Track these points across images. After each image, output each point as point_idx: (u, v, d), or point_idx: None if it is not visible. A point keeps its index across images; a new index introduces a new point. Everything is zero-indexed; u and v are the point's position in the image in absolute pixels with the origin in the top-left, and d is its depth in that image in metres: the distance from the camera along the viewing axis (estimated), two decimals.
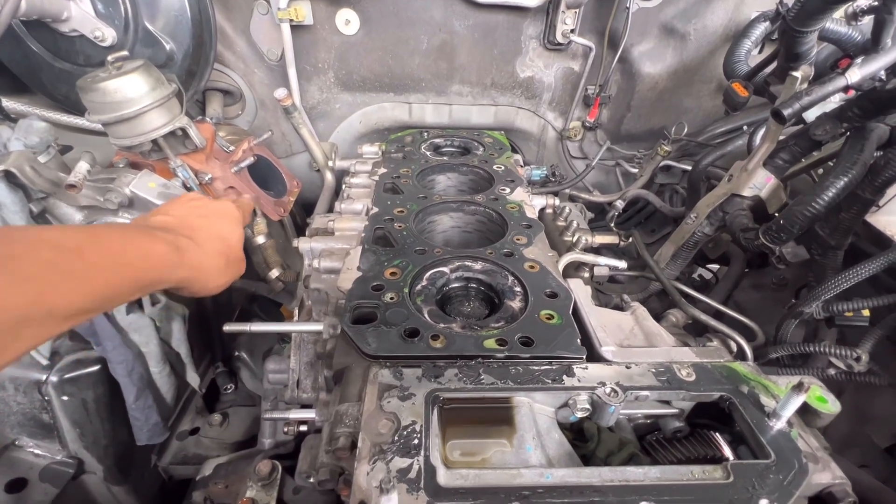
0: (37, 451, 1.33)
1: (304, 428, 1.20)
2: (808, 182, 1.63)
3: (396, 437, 0.82)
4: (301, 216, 2.47)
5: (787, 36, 1.34)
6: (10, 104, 1.67)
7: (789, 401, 0.85)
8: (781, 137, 1.41)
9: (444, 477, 0.77)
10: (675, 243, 1.69)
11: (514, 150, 2.68)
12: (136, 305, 1.34)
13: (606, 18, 2.19)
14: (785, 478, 0.79)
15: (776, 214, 1.36)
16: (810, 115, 1.44)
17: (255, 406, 1.87)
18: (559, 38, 2.21)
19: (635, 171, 2.45)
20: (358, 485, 0.75)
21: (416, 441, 0.82)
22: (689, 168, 2.05)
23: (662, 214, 2.45)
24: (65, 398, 1.31)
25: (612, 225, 2.17)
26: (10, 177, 1.13)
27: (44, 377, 1.28)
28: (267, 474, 1.06)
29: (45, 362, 1.28)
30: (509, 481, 0.77)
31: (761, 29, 1.87)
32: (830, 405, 0.92)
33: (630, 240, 1.81)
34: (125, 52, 1.33)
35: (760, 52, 2.11)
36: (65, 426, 1.33)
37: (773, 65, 1.63)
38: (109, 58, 1.28)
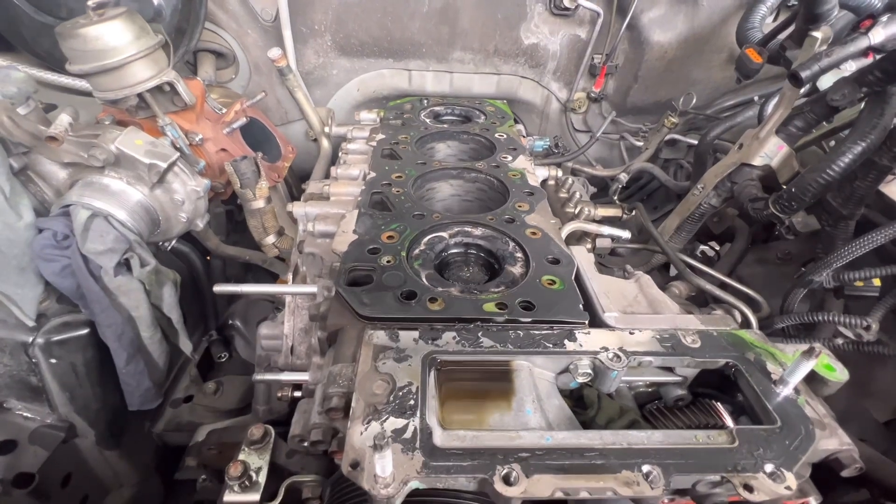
0: (26, 414, 1.30)
1: (298, 394, 1.18)
2: (817, 155, 1.58)
3: (392, 398, 0.79)
4: (296, 186, 2.41)
5: None
6: None
7: (798, 367, 0.82)
8: (797, 103, 1.35)
9: (440, 438, 0.74)
10: (680, 215, 1.65)
11: (516, 122, 2.61)
12: (125, 268, 1.30)
13: None
14: (791, 443, 0.76)
15: (785, 186, 1.32)
16: (825, 82, 1.38)
17: (250, 375, 1.85)
18: (566, 3, 2.12)
19: (640, 144, 2.39)
20: (351, 444, 0.72)
21: (412, 402, 0.79)
22: (696, 143, 1.99)
23: (666, 191, 2.41)
24: (53, 361, 1.28)
25: (616, 199, 2.12)
26: None
27: (30, 339, 1.25)
28: (259, 438, 1.04)
29: (31, 324, 1.24)
30: (508, 443, 0.74)
31: None
32: (838, 373, 0.90)
33: (633, 212, 1.76)
34: None
35: (775, 19, 2.03)
36: (54, 389, 1.30)
37: (790, 29, 1.57)
38: (90, 3, 1.20)
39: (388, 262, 1.10)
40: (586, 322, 0.99)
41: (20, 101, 1.14)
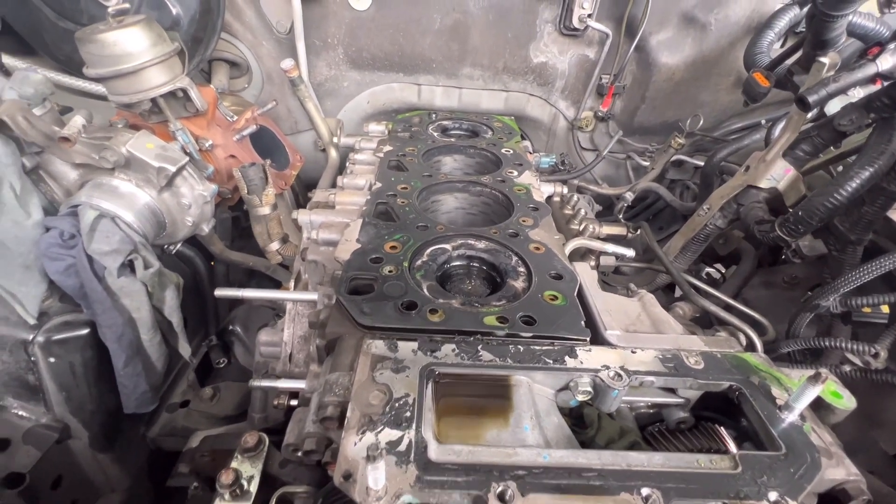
0: (21, 413, 1.30)
1: (294, 402, 1.17)
2: (825, 179, 1.57)
3: (388, 409, 0.78)
4: (303, 194, 2.43)
5: (817, 20, 1.28)
6: (10, 61, 1.63)
7: (804, 392, 0.80)
8: (804, 127, 1.35)
9: (435, 452, 0.73)
10: (685, 236, 1.64)
11: (523, 138, 2.63)
12: (129, 269, 1.30)
13: (625, 5, 2.13)
14: (796, 471, 0.74)
15: (792, 209, 1.31)
16: (833, 107, 1.38)
17: (248, 382, 1.84)
18: (575, 23, 2.16)
19: (646, 164, 2.40)
20: (344, 454, 0.71)
21: (408, 414, 0.77)
22: (702, 164, 2.00)
23: (671, 211, 2.40)
24: (52, 360, 1.28)
25: (621, 217, 2.12)
26: (2, 127, 1.09)
27: (30, 337, 1.25)
28: (253, 446, 1.02)
29: (32, 322, 1.25)
30: (504, 459, 0.73)
31: (787, 19, 1.81)
32: (846, 401, 0.88)
33: (638, 231, 1.76)
34: (126, 5, 1.29)
35: (783, 45, 2.05)
36: (51, 389, 1.30)
37: (798, 55, 1.58)
38: (110, 10, 1.23)
39: (389, 271, 1.10)
40: (588, 339, 0.98)
41: (36, 102, 1.16)
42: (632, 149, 2.51)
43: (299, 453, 0.98)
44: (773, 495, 0.70)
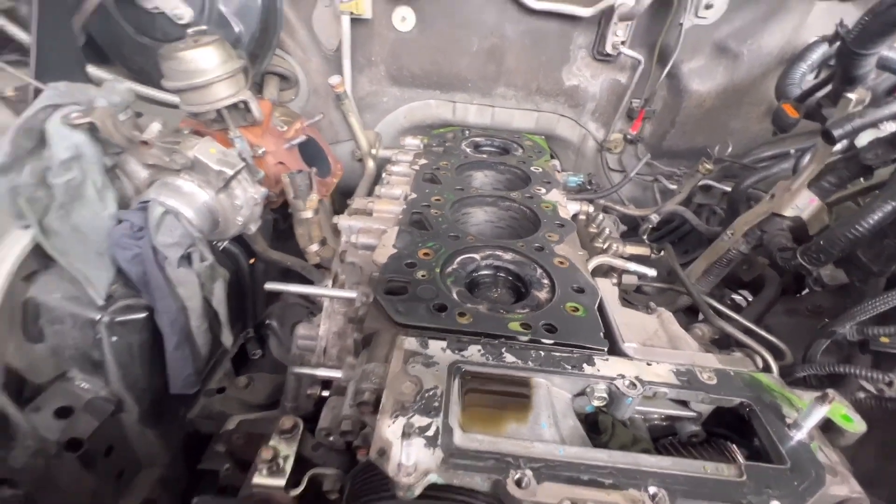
0: (84, 385, 1.44)
1: (325, 393, 1.26)
2: (852, 210, 1.59)
3: (418, 398, 0.86)
4: (339, 202, 2.56)
5: (845, 57, 1.32)
6: (92, 70, 1.82)
7: (812, 411, 0.84)
8: (830, 160, 1.39)
9: (460, 438, 0.80)
10: (708, 259, 1.68)
11: (552, 157, 2.71)
12: (186, 261, 1.44)
13: (658, 33, 2.20)
14: (800, 484, 0.78)
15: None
16: (861, 140, 1.41)
17: (279, 374, 1.95)
18: (609, 50, 2.24)
19: (673, 187, 2.43)
20: (380, 434, 0.80)
21: (436, 404, 0.86)
22: (729, 190, 2.03)
23: (697, 235, 2.41)
24: (114, 339, 1.41)
25: (645, 238, 2.16)
26: (92, 129, 1.25)
27: (98, 317, 1.39)
28: (289, 428, 1.12)
29: (100, 303, 1.39)
30: (523, 450, 0.80)
31: (819, 53, 1.84)
32: (856, 424, 0.91)
33: (661, 253, 1.80)
34: (204, 27, 1.45)
35: (816, 77, 2.07)
36: (111, 365, 1.43)
37: (828, 88, 1.61)
38: (189, 31, 1.39)
39: (422, 276, 1.19)
40: (605, 349, 1.04)
41: (120, 109, 1.32)
42: (659, 172, 2.55)
43: (332, 437, 1.08)
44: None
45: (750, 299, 2.01)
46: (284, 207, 1.92)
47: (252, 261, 2.09)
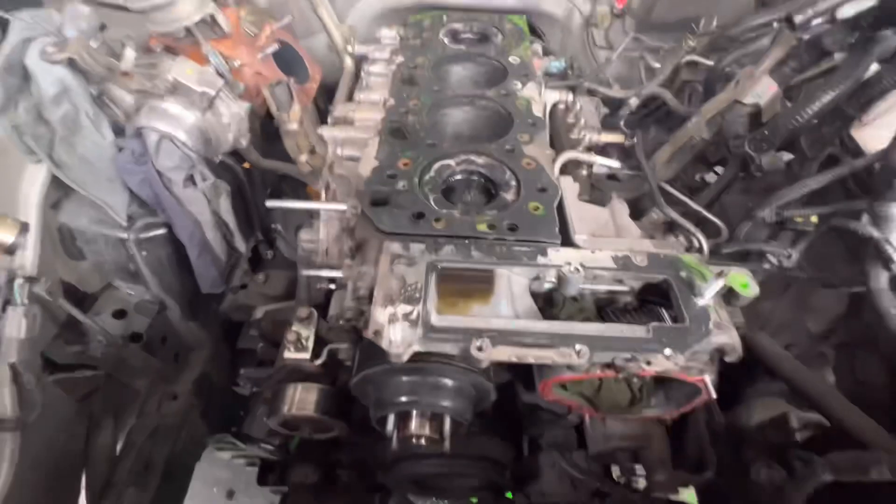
0: (130, 291, 1.71)
1: (332, 286, 1.52)
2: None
3: (403, 291, 1.09)
4: (322, 100, 2.55)
5: None
6: None
7: (712, 283, 1.07)
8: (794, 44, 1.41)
9: (436, 319, 1.05)
10: (674, 146, 1.78)
11: (538, 36, 2.60)
12: (190, 182, 1.58)
13: None
14: (690, 337, 1.05)
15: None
16: (846, 13, 1.39)
17: (291, 270, 2.23)
18: None
19: (658, 66, 2.38)
20: (374, 319, 1.04)
21: (417, 295, 1.09)
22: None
23: (680, 116, 2.44)
24: (144, 253, 1.64)
25: (622, 123, 2.21)
26: (72, 62, 1.29)
27: (125, 235, 1.59)
28: (307, 316, 1.39)
29: (124, 223, 1.58)
30: (483, 325, 1.05)
31: None
32: (750, 290, 1.14)
33: (635, 139, 1.89)
34: None
35: None
36: (146, 274, 1.68)
37: None
38: None
39: (403, 186, 1.34)
40: (559, 242, 1.24)
41: (91, 35, 1.33)
42: (646, 47, 2.46)
43: (340, 321, 1.35)
44: (667, 351, 1.02)
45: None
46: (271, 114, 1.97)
47: (246, 165, 2.20)
